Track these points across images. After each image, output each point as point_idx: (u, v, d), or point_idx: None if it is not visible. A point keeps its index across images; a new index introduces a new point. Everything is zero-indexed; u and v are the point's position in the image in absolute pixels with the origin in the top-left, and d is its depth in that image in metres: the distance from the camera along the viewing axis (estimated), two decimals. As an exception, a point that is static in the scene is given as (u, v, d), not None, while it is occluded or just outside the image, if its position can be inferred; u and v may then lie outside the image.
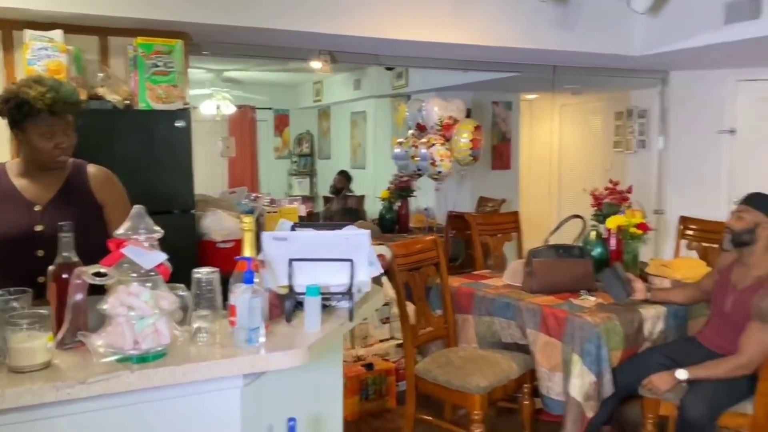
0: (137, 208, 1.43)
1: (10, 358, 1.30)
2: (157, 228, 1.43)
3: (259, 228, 3.03)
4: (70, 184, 1.97)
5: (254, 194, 4.03)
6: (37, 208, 1.91)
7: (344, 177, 6.93)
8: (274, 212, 3.56)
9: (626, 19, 4.30)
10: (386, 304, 3.94)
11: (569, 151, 7.89)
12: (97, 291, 1.48)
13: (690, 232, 4.05)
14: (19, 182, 1.92)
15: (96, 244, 1.51)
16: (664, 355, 2.86)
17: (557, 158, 8.03)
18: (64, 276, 1.43)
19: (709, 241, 3.80)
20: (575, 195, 6.48)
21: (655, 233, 5.32)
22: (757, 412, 2.54)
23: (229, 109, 7.45)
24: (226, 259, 1.67)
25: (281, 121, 9.60)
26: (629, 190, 3.64)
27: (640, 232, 3.46)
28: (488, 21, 3.99)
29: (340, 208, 6.44)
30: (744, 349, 2.58)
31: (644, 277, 3.48)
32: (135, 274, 1.37)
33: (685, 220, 4.09)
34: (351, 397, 3.50)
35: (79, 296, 1.36)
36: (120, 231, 1.40)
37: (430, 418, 3.13)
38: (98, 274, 1.32)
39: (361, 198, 6.87)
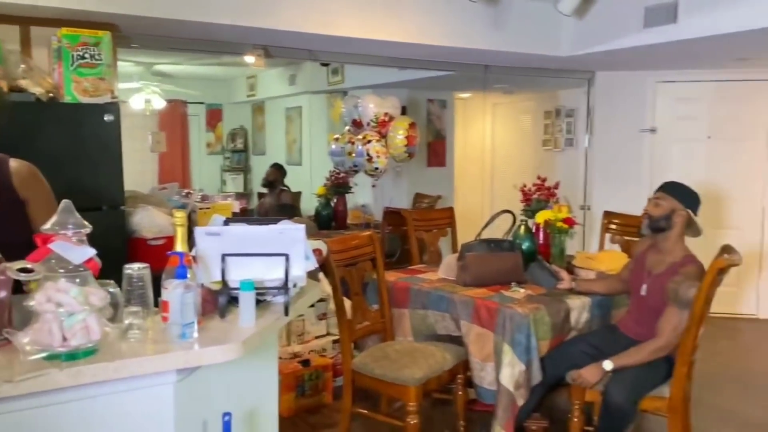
0: (65, 203, 1.40)
1: (-72, 359, 1.25)
2: (86, 223, 1.40)
3: (192, 224, 2.99)
4: None
5: (186, 190, 3.97)
6: None
7: (277, 170, 6.66)
8: (207, 208, 3.52)
9: (554, 21, 4.46)
10: (323, 300, 3.95)
11: (501, 148, 8.10)
12: (20, 290, 1.44)
13: (613, 227, 4.24)
14: None
15: (19, 241, 1.46)
16: (588, 344, 2.99)
17: (490, 156, 8.23)
18: (-14, 273, 1.38)
19: (631, 234, 3.99)
20: (507, 191, 6.65)
21: (583, 228, 5.55)
22: (673, 395, 2.70)
23: (160, 103, 7.25)
24: (158, 256, 1.65)
25: (214, 116, 9.42)
26: (556, 186, 3.78)
27: (566, 226, 3.60)
28: (421, 19, 4.06)
29: (274, 204, 6.33)
30: (661, 331, 2.73)
31: (571, 270, 3.63)
32: (63, 270, 1.34)
33: (608, 215, 4.28)
34: (287, 394, 3.50)
35: (2, 293, 1.31)
36: (47, 226, 1.36)
37: (367, 411, 3.17)
38: (24, 270, 1.28)
39: (298, 194, 6.82)
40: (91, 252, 1.35)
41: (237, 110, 9.36)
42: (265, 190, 6.58)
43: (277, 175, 6.46)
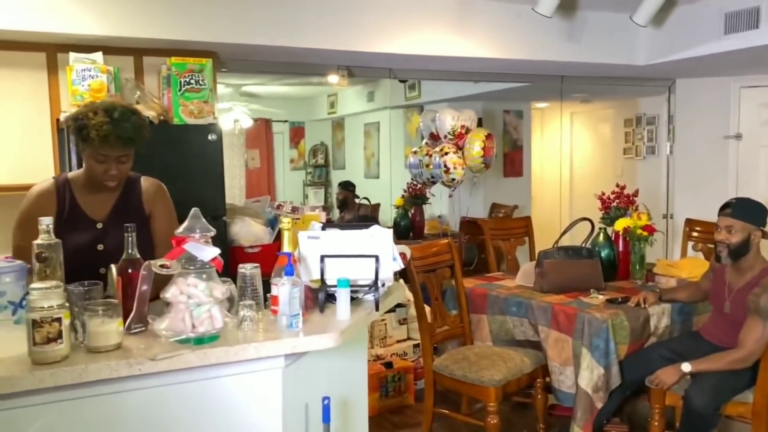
0: (194, 210, 1.64)
1: (88, 340, 1.51)
2: (211, 227, 1.64)
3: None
4: (124, 197, 2.14)
5: (276, 202, 4.24)
6: (99, 225, 2.08)
7: (344, 188, 6.86)
8: (297, 219, 3.76)
9: (631, 31, 4.48)
10: (402, 306, 4.12)
11: (580, 157, 8.05)
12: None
13: (695, 234, 4.20)
14: (81, 197, 2.09)
15: (143, 251, 1.71)
16: (669, 349, 3.02)
17: (568, 165, 8.19)
18: (130, 271, 1.64)
19: (713, 242, 3.95)
20: (586, 201, 6.63)
21: (665, 236, 5.47)
22: (757, 400, 2.70)
23: (247, 122, 7.70)
24: (254, 263, 1.83)
25: (296, 133, 9.84)
26: (635, 194, 3.80)
27: (646, 233, 3.62)
28: (495, 34, 4.19)
29: (355, 217, 6.59)
30: (743, 343, 2.72)
31: (651, 277, 3.65)
32: (192, 267, 1.58)
33: (690, 223, 4.25)
34: (371, 394, 3.67)
35: (144, 287, 1.56)
36: (179, 230, 1.61)
37: (448, 412, 3.30)
38: (162, 266, 1.52)
39: (376, 206, 7.05)
40: (216, 251, 1.58)
41: (318, 127, 9.75)
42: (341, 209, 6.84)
43: (345, 194, 6.73)
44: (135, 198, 2.16)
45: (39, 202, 2.05)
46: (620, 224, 3.68)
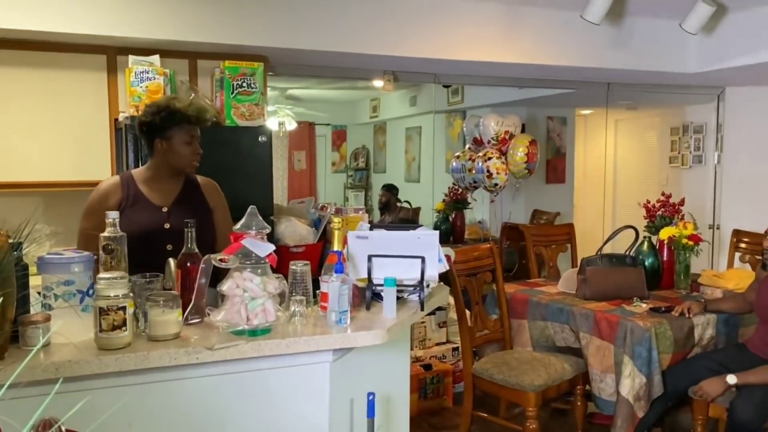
0: (251, 208, 1.72)
1: (150, 329, 1.60)
2: (267, 225, 1.71)
3: (327, 234, 3.32)
4: (186, 190, 2.29)
5: (321, 203, 4.32)
6: (164, 209, 2.23)
7: (388, 191, 7.01)
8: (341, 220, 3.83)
9: (680, 38, 4.41)
10: (442, 309, 4.15)
11: (624, 165, 7.95)
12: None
13: (743, 245, 4.12)
14: (145, 189, 2.24)
15: (206, 241, 1.80)
16: (713, 360, 2.98)
17: (612, 172, 8.08)
18: (188, 264, 1.73)
19: (762, 253, 3.87)
20: (630, 209, 6.54)
21: (711, 246, 5.37)
22: (805, 416, 2.64)
23: (291, 125, 7.83)
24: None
25: (339, 136, 9.96)
26: (681, 203, 3.76)
27: (691, 243, 3.58)
28: (541, 40, 4.19)
29: (395, 220, 6.65)
30: (791, 356, 2.69)
31: (696, 287, 3.61)
32: (248, 262, 1.65)
33: (737, 234, 4.17)
34: (410, 395, 3.72)
35: (203, 280, 1.64)
36: (237, 227, 1.68)
37: (486, 415, 3.32)
38: (221, 261, 1.60)
39: (417, 210, 7.10)
40: (272, 248, 1.65)
41: (360, 131, 9.86)
42: (380, 210, 6.94)
43: (389, 196, 6.84)
44: (196, 191, 2.32)
45: (106, 192, 2.20)
46: (665, 233, 3.65)
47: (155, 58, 3.24)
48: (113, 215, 1.73)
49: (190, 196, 2.28)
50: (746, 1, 4.00)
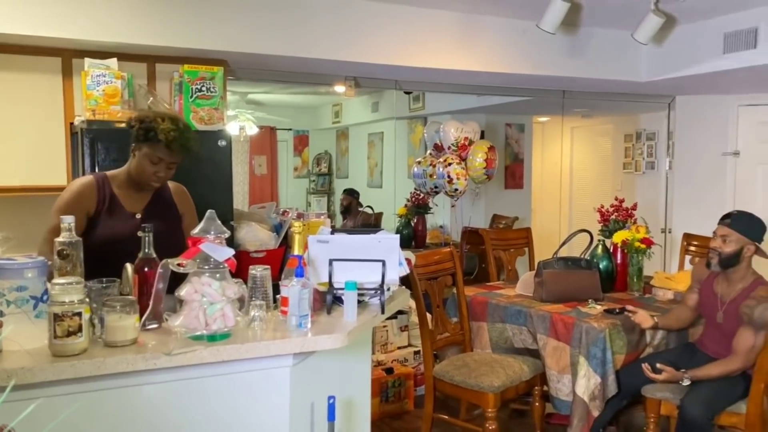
0: (210, 212, 1.72)
1: (106, 335, 1.58)
2: (225, 229, 1.71)
3: (288, 239, 3.32)
4: (157, 197, 2.32)
5: (282, 208, 4.31)
6: (138, 216, 2.24)
7: (349, 195, 7.04)
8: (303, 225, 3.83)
9: (632, 48, 4.55)
10: (404, 313, 4.19)
11: (580, 171, 8.14)
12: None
13: (693, 248, 4.27)
14: (119, 192, 2.26)
15: (176, 245, 1.80)
16: (665, 360, 3.07)
17: (568, 178, 8.28)
18: (146, 269, 1.71)
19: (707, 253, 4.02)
20: (586, 214, 6.71)
21: (663, 250, 5.54)
22: (750, 411, 2.75)
23: (252, 129, 7.78)
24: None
25: (301, 141, 9.94)
26: (634, 207, 3.88)
27: (644, 246, 3.69)
28: (498, 49, 4.28)
29: (357, 225, 6.67)
30: (737, 352, 2.80)
31: (649, 289, 3.72)
32: (207, 267, 1.65)
33: (688, 237, 4.32)
34: (372, 399, 3.73)
35: (161, 285, 1.63)
36: (195, 231, 1.68)
37: (447, 417, 3.36)
38: (179, 265, 1.59)
39: (379, 215, 7.13)
40: (231, 252, 1.65)
41: (322, 136, 9.85)
42: (344, 216, 6.96)
43: (350, 200, 6.87)
44: (167, 197, 2.35)
45: (82, 191, 2.21)
46: (619, 237, 3.76)
47: (112, 62, 3.20)
48: (68, 220, 1.71)
49: (161, 202, 2.32)
50: (694, 14, 4.16)
